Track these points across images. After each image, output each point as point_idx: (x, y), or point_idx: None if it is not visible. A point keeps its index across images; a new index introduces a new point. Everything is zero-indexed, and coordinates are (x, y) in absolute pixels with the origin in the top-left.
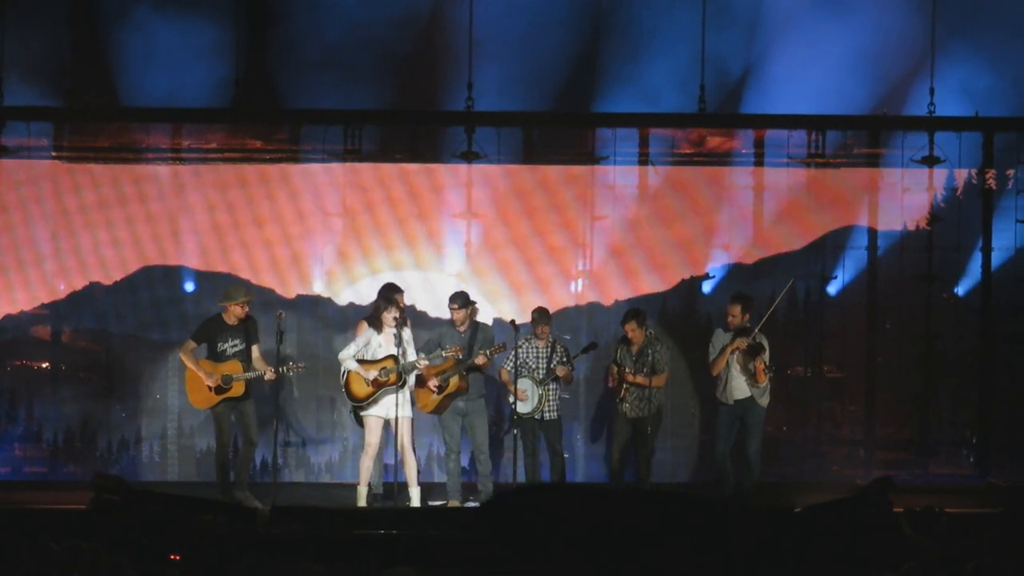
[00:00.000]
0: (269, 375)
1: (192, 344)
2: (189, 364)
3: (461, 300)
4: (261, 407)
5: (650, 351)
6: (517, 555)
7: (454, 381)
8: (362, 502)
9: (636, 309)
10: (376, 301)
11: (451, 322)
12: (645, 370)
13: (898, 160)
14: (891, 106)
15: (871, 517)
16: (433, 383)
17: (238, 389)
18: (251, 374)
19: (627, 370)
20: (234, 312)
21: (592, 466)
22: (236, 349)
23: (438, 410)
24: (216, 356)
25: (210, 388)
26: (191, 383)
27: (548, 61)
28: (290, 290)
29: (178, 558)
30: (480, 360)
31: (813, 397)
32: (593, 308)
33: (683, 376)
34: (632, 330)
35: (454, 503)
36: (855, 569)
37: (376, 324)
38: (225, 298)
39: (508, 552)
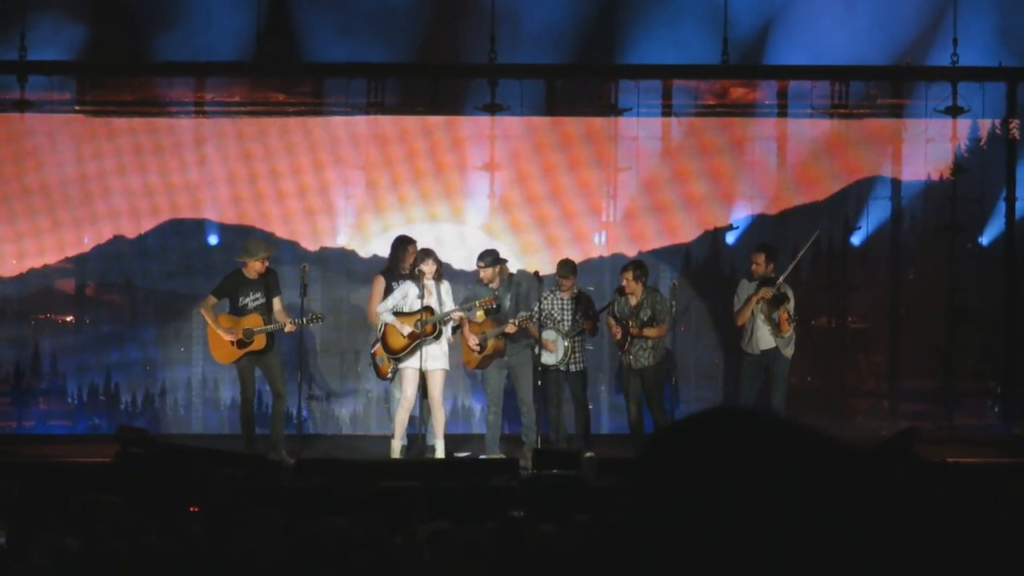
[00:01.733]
0: (289, 327)
1: (212, 300)
2: (208, 320)
3: (488, 259)
4: (285, 360)
5: (649, 303)
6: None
7: (491, 343)
8: (396, 455)
9: (636, 261)
10: (399, 253)
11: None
12: (648, 322)
13: (922, 110)
14: (914, 56)
15: (896, 468)
16: (472, 341)
17: (259, 343)
18: (271, 327)
19: (630, 324)
20: (254, 267)
21: (616, 417)
22: (257, 303)
23: (481, 366)
24: (238, 310)
25: (232, 343)
26: (213, 338)
27: (570, 12)
28: (314, 243)
29: (197, 510)
30: (510, 329)
31: (837, 348)
32: (617, 259)
33: (707, 327)
34: (628, 280)
35: (493, 456)
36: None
37: (415, 277)
38: (244, 253)
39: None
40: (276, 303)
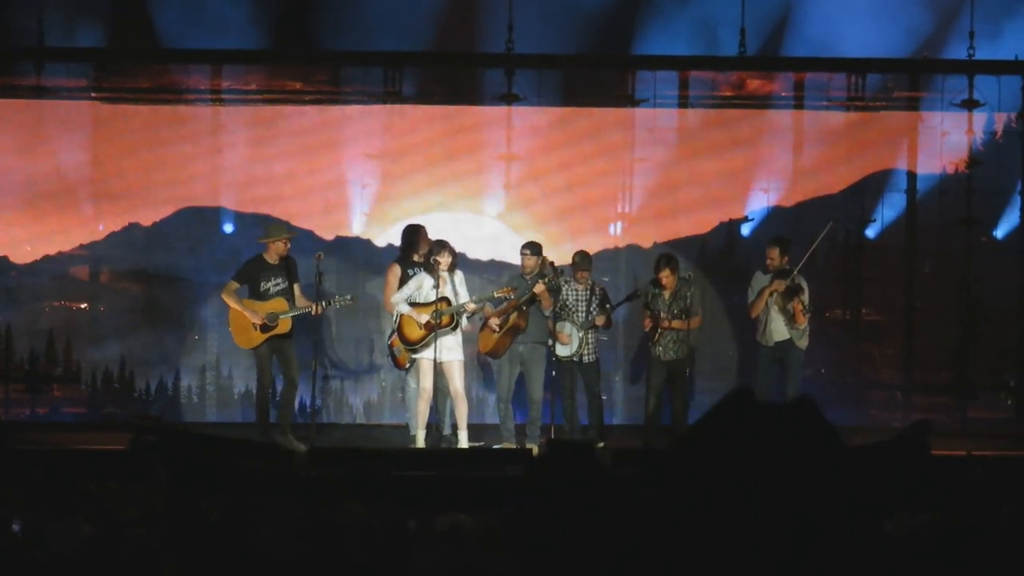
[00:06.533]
0: (316, 310)
1: (235, 285)
2: (233, 304)
3: (535, 248)
4: (299, 348)
5: (684, 295)
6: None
7: (512, 318)
8: (421, 444)
9: (668, 255)
10: (413, 240)
11: (520, 271)
12: (679, 313)
13: (938, 103)
14: (931, 49)
15: (909, 460)
16: (494, 321)
17: (284, 327)
18: (298, 311)
19: (662, 315)
20: (276, 249)
21: (630, 408)
22: (279, 288)
23: (496, 349)
24: (259, 295)
25: (255, 326)
26: (236, 323)
27: (588, 1)
28: (329, 232)
29: (212, 499)
30: (538, 288)
31: (851, 340)
32: (632, 250)
33: (721, 318)
34: (666, 277)
35: (508, 446)
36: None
37: (430, 268)
38: (266, 235)
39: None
40: (296, 288)
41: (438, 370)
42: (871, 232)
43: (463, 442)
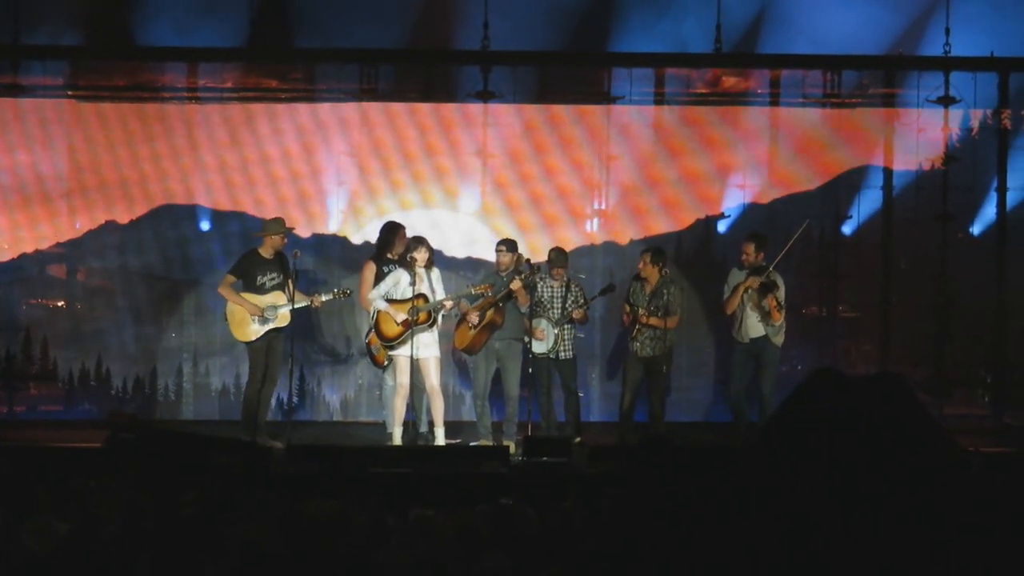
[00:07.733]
0: (316, 303)
1: (231, 278)
2: (232, 298)
3: (509, 245)
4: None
5: (664, 292)
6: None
7: (489, 313)
8: (397, 442)
9: (655, 247)
10: (389, 238)
11: (496, 268)
12: (659, 311)
13: (914, 100)
14: (907, 46)
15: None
16: (473, 317)
17: (283, 320)
18: (299, 304)
19: (640, 311)
20: (272, 243)
21: (607, 405)
22: (275, 282)
23: (472, 346)
24: (255, 289)
25: (255, 319)
26: (233, 316)
27: None
28: (305, 229)
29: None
30: (515, 284)
31: (827, 337)
32: (608, 247)
33: (698, 315)
34: (644, 263)
35: (485, 443)
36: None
37: (406, 264)
38: (263, 230)
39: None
40: (290, 284)
41: (415, 367)
42: (847, 229)
43: (440, 439)
